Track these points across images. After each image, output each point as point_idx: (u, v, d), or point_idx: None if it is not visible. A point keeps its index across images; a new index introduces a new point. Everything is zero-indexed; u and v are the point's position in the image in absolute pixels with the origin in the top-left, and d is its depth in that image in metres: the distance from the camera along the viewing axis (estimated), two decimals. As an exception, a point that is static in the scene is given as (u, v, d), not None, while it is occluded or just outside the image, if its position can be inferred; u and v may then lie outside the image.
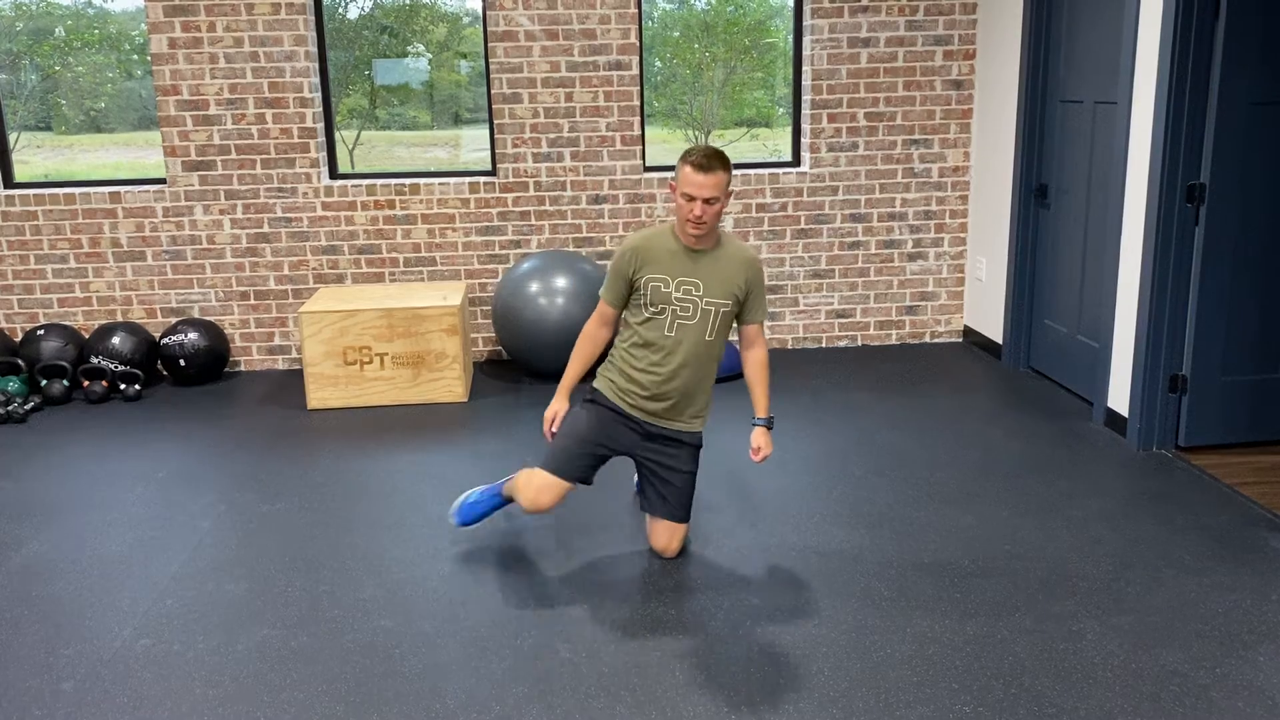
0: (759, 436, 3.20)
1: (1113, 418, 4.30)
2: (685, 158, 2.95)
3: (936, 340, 5.90)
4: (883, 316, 5.83)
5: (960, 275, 5.81)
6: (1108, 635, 2.78)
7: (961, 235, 5.75)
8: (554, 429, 3.20)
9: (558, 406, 3.21)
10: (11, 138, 5.55)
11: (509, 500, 3.32)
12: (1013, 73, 5.11)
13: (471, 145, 6.07)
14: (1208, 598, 2.96)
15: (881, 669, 2.65)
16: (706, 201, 2.93)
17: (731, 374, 5.23)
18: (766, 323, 5.77)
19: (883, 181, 5.65)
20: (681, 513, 3.23)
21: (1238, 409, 4.05)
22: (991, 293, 5.50)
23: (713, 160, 2.92)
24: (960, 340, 5.89)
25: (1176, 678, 2.58)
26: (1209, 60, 3.77)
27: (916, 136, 5.60)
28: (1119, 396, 4.26)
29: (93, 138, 6.58)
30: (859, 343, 5.87)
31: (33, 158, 6.34)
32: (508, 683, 2.62)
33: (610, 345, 3.32)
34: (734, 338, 5.23)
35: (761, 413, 3.23)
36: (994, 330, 5.50)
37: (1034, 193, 5.04)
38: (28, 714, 2.53)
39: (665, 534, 3.24)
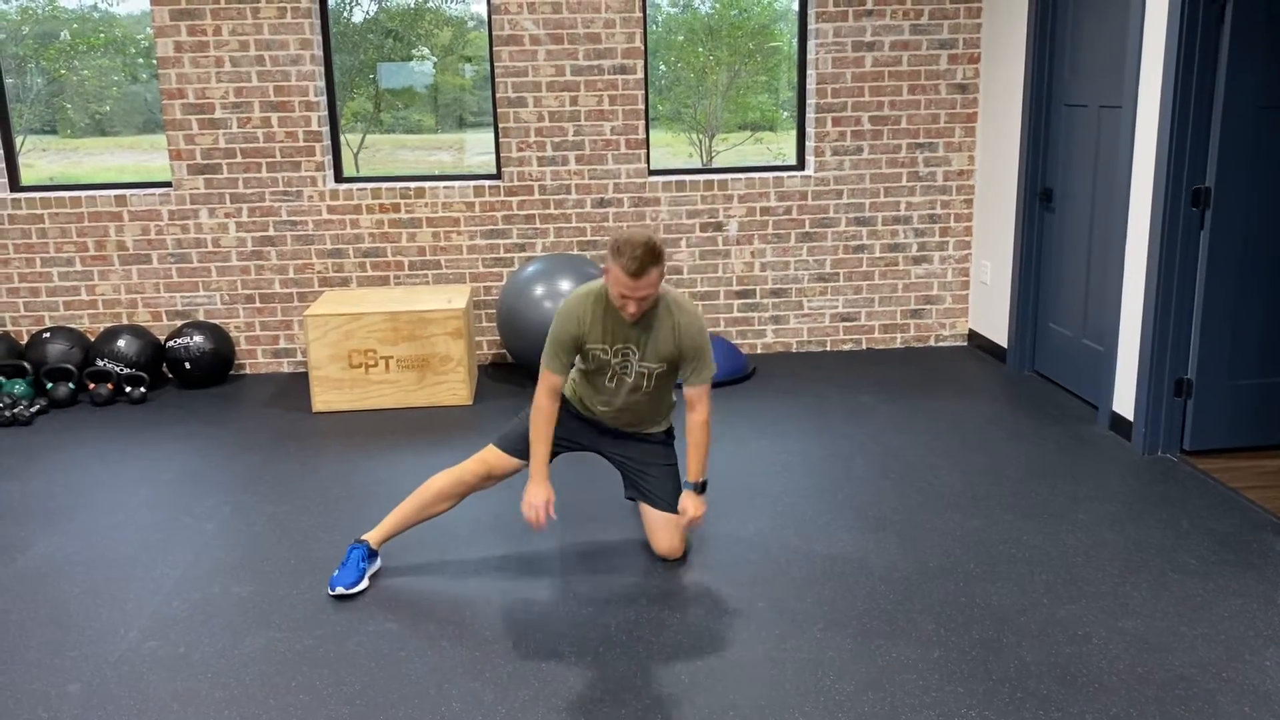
0: (685, 499, 3.15)
1: (1118, 422, 4.30)
2: (616, 256, 2.83)
3: (941, 344, 5.89)
4: (887, 320, 5.83)
5: (965, 279, 5.81)
6: (1114, 639, 2.77)
7: (966, 239, 5.75)
8: (550, 513, 3.07)
9: (544, 493, 3.07)
10: (17, 141, 5.57)
11: (374, 554, 3.21)
12: (1017, 76, 5.11)
13: (475, 149, 6.07)
14: (1214, 602, 2.96)
15: (888, 673, 2.64)
16: (640, 298, 2.91)
17: (733, 378, 5.23)
18: (773, 326, 5.77)
19: (887, 185, 5.65)
20: (670, 502, 3.23)
21: (1243, 413, 4.05)
22: (996, 296, 5.49)
23: (645, 263, 2.81)
24: (965, 344, 5.89)
25: (1183, 682, 2.57)
26: (1214, 64, 3.77)
27: (921, 140, 5.60)
28: (1124, 400, 4.26)
29: (97, 141, 6.60)
30: (864, 346, 5.86)
31: (38, 161, 6.35)
32: (512, 685, 2.62)
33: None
34: (735, 343, 5.20)
35: (693, 476, 3.16)
36: (999, 334, 5.50)
37: (1039, 196, 5.04)
38: (34, 716, 2.53)
39: (664, 534, 3.22)
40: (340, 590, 3.08)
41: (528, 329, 5.02)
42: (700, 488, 3.16)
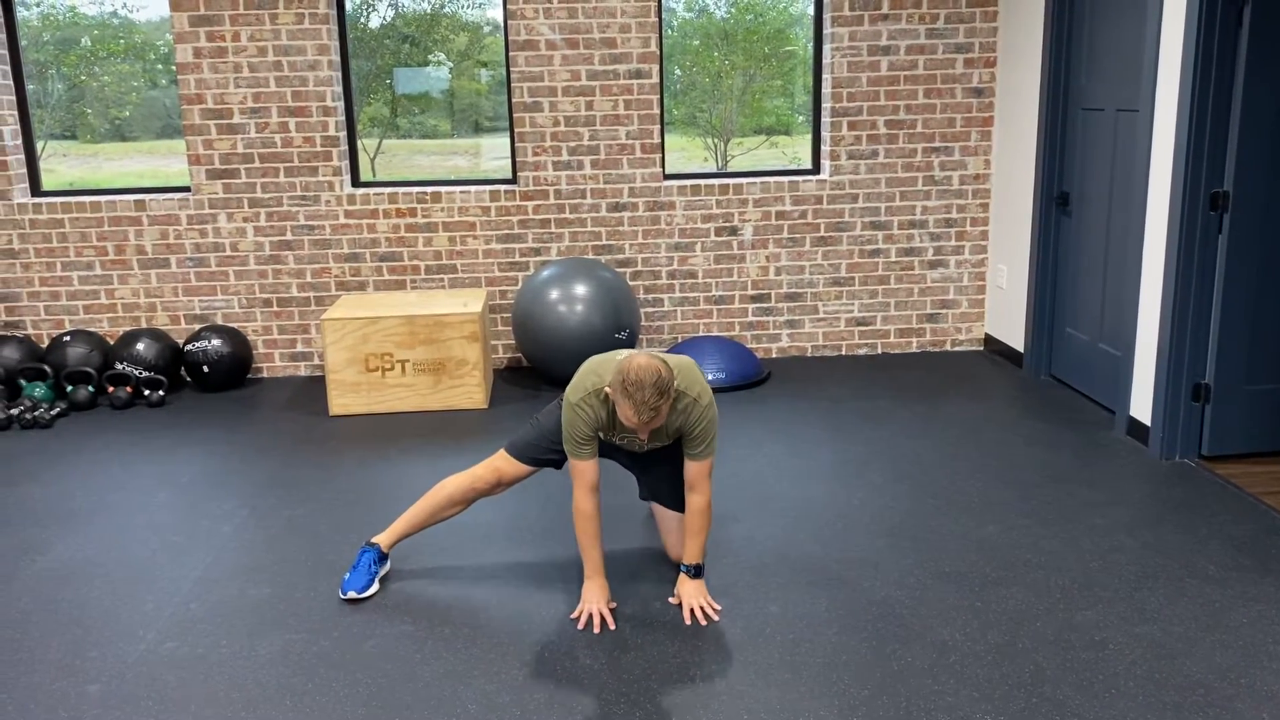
0: (681, 585, 3.01)
1: (1135, 426, 4.28)
2: (625, 396, 2.68)
3: (957, 348, 5.88)
4: (903, 324, 5.82)
5: (981, 283, 5.79)
6: (1130, 645, 2.76)
7: (982, 243, 5.74)
8: (610, 620, 2.93)
9: (602, 594, 2.97)
10: (38, 146, 5.62)
11: (383, 557, 3.22)
12: (1034, 80, 5.10)
13: (491, 153, 6.10)
14: (1232, 608, 2.94)
15: (902, 677, 2.64)
16: (651, 431, 2.85)
17: (747, 381, 5.24)
18: (788, 330, 5.76)
19: (903, 189, 5.64)
20: (683, 502, 3.17)
21: (1262, 418, 4.02)
22: (1013, 300, 5.48)
23: (655, 411, 2.70)
24: (981, 348, 5.87)
25: (1200, 688, 2.56)
26: (1232, 66, 3.75)
27: (937, 144, 5.59)
28: (1141, 405, 4.24)
29: (117, 146, 6.66)
30: (879, 350, 5.85)
31: (59, 166, 6.42)
32: (527, 688, 2.63)
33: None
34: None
35: (688, 558, 3.00)
36: (1015, 338, 5.48)
37: (1055, 200, 5.02)
38: (54, 716, 2.55)
39: (678, 534, 3.20)
40: (352, 595, 3.10)
41: (543, 333, 5.03)
42: (695, 571, 3.00)
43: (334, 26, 5.31)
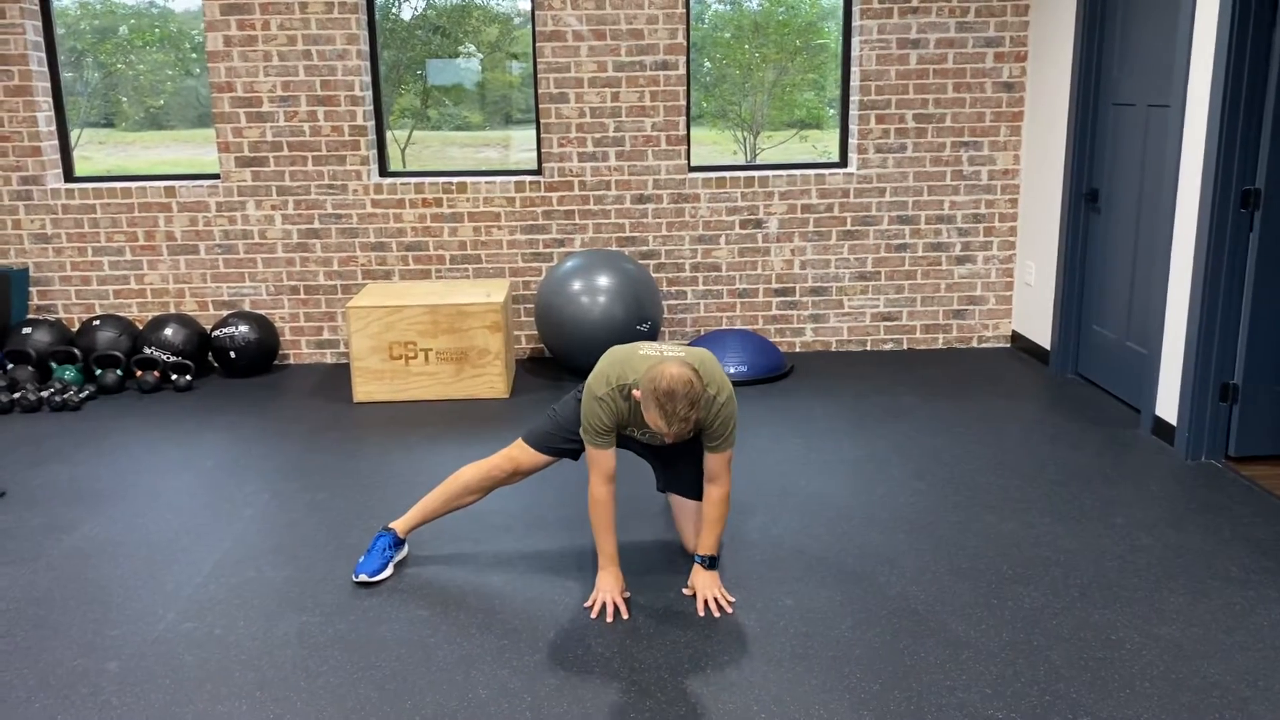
0: (695, 576, 3.01)
1: (1161, 426, 4.22)
2: (657, 406, 2.67)
3: (983, 345, 5.83)
4: (929, 320, 5.78)
5: (1009, 280, 5.74)
6: (1148, 645, 2.73)
7: (1010, 239, 5.68)
8: (623, 610, 2.93)
9: (616, 583, 2.97)
10: (74, 134, 5.70)
11: (399, 543, 3.24)
12: (1064, 75, 5.04)
13: (522, 146, 6.12)
14: (1253, 611, 2.90)
15: (915, 673, 2.63)
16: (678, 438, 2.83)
17: (770, 375, 5.22)
18: (812, 325, 5.74)
19: (931, 184, 5.60)
20: (700, 490, 3.16)
21: (1291, 419, 3.96)
22: (1040, 298, 5.42)
23: (686, 422, 2.69)
24: (1008, 345, 5.82)
25: (1217, 690, 2.53)
26: (1266, 62, 3.69)
27: (966, 139, 5.54)
28: (1168, 404, 4.18)
29: (153, 134, 6.74)
30: (904, 346, 5.82)
31: (96, 154, 6.50)
32: (539, 674, 2.64)
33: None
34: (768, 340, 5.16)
35: (702, 550, 2.99)
36: (1042, 336, 5.43)
37: (1085, 197, 4.97)
38: (74, 692, 2.60)
39: (695, 525, 3.20)
40: (364, 578, 3.12)
41: (565, 324, 5.04)
42: (709, 563, 2.99)
43: (363, 16, 5.34)
